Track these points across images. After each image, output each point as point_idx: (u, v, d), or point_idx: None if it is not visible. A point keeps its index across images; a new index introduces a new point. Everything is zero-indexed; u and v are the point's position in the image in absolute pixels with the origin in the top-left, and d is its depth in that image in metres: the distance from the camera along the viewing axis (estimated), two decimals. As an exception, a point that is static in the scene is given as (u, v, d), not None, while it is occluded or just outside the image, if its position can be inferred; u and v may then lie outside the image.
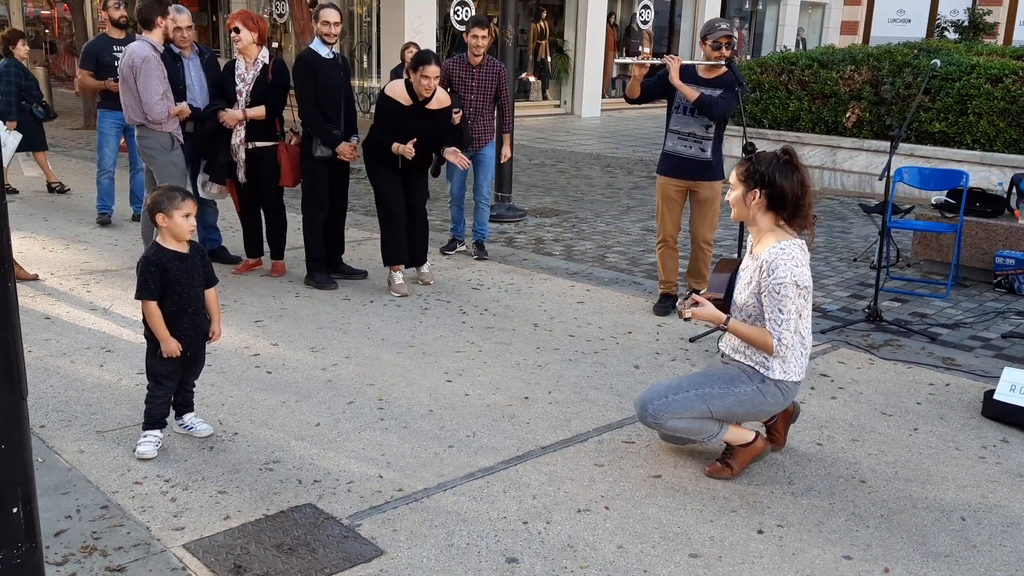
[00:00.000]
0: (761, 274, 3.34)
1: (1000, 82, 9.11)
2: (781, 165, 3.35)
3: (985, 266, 6.49)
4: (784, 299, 3.30)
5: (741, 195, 3.41)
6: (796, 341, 3.39)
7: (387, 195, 5.92)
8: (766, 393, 3.44)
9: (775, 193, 3.34)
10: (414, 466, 3.57)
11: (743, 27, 23.59)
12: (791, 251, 3.33)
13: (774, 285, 3.29)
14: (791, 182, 3.33)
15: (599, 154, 13.53)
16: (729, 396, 3.45)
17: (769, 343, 3.35)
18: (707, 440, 3.56)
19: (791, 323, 3.32)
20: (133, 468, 3.48)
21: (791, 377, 3.44)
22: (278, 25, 19.48)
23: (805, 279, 3.32)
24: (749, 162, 3.40)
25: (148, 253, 3.51)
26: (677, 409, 3.46)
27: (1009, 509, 3.37)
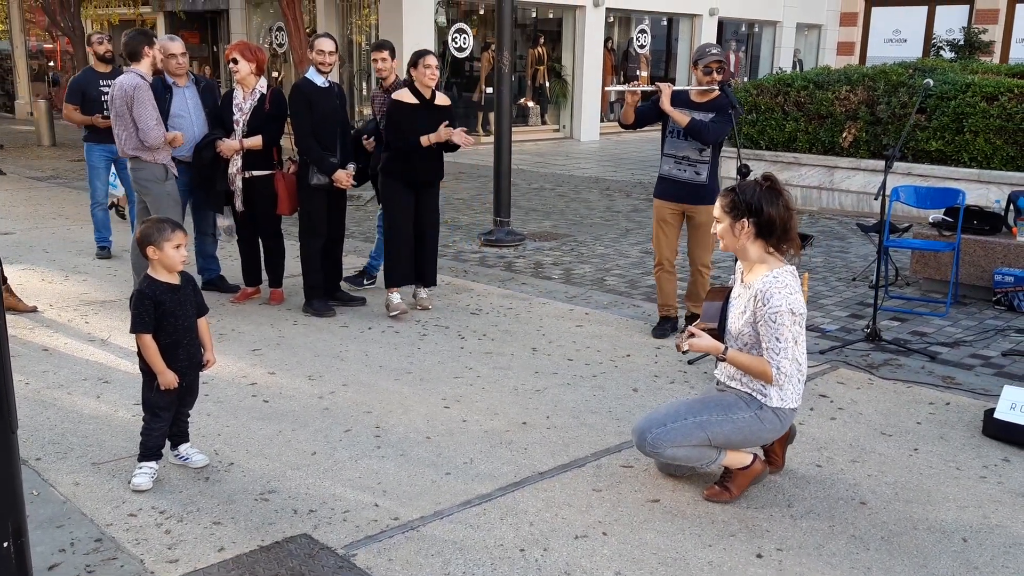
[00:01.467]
0: (756, 303, 3.35)
1: (996, 100, 9.14)
2: (766, 192, 3.36)
3: (984, 284, 6.48)
4: (781, 327, 3.30)
5: (729, 226, 3.42)
6: (794, 369, 3.38)
7: (396, 213, 5.95)
8: (764, 420, 3.43)
9: (763, 221, 3.36)
10: (410, 494, 3.54)
11: (740, 49, 23.73)
12: (784, 278, 3.34)
13: (770, 314, 3.30)
14: (777, 208, 3.35)
15: (598, 178, 13.57)
16: (727, 423, 3.44)
17: (768, 372, 3.35)
18: (706, 466, 3.54)
19: (789, 351, 3.33)
20: (128, 500, 3.46)
21: (788, 404, 3.44)
22: (278, 55, 19.64)
23: (799, 306, 3.33)
24: (733, 193, 3.40)
25: (141, 286, 3.51)
26: (675, 437, 3.44)
27: (1011, 530, 3.34)
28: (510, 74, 8.57)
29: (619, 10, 20.14)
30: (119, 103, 5.64)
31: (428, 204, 6.09)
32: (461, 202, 11.08)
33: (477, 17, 18.70)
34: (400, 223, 5.97)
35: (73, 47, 16.28)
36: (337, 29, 18.21)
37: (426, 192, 6.05)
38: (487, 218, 9.58)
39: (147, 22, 21.88)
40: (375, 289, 6.65)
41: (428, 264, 6.19)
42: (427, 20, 16.62)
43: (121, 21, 20.05)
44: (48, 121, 17.14)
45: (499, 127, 8.61)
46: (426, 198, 6.07)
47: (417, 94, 5.84)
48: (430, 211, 6.11)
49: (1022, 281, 6.22)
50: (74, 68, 16.56)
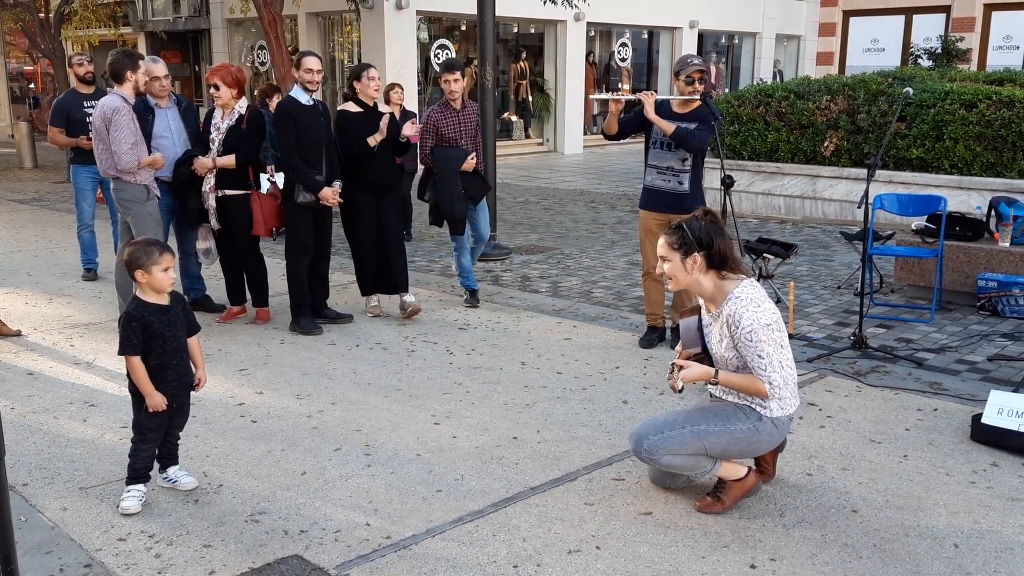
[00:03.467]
0: (729, 328, 3.39)
1: (975, 107, 9.23)
2: (712, 227, 3.45)
3: (968, 289, 6.53)
4: (759, 344, 3.33)
5: (680, 262, 3.45)
6: (785, 376, 3.40)
7: (356, 221, 6.19)
8: (762, 431, 3.45)
9: (713, 253, 3.42)
10: (402, 512, 3.53)
11: (720, 61, 23.91)
12: (747, 294, 3.38)
13: (744, 335, 3.33)
14: (723, 240, 3.45)
15: (582, 190, 13.62)
16: (725, 434, 3.45)
17: (762, 389, 3.37)
18: (700, 476, 3.54)
19: (775, 363, 3.35)
20: (117, 524, 3.43)
21: (787, 411, 3.46)
22: (260, 74, 19.63)
23: (770, 315, 3.35)
24: (680, 230, 3.46)
25: (129, 308, 3.48)
26: (672, 445, 3.45)
27: (1002, 535, 3.35)
28: (493, 89, 8.60)
29: (600, 24, 20.27)
30: (99, 123, 5.62)
31: (388, 211, 6.25)
32: (446, 217, 11.06)
33: (459, 33, 18.77)
34: (367, 232, 6.17)
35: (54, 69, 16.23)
36: (319, 47, 18.24)
37: (386, 199, 6.24)
38: (473, 233, 9.56)
39: (128, 42, 21.85)
40: (362, 306, 6.63)
41: (396, 269, 6.31)
42: (409, 37, 16.67)
43: (102, 42, 20.01)
44: (30, 143, 17.06)
45: (484, 142, 8.61)
46: (386, 205, 6.24)
47: (361, 104, 6.10)
48: (391, 217, 6.28)
49: (1005, 286, 6.27)
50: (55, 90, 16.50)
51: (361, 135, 5.98)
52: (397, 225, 6.34)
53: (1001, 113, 9.04)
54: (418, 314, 6.31)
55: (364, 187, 6.12)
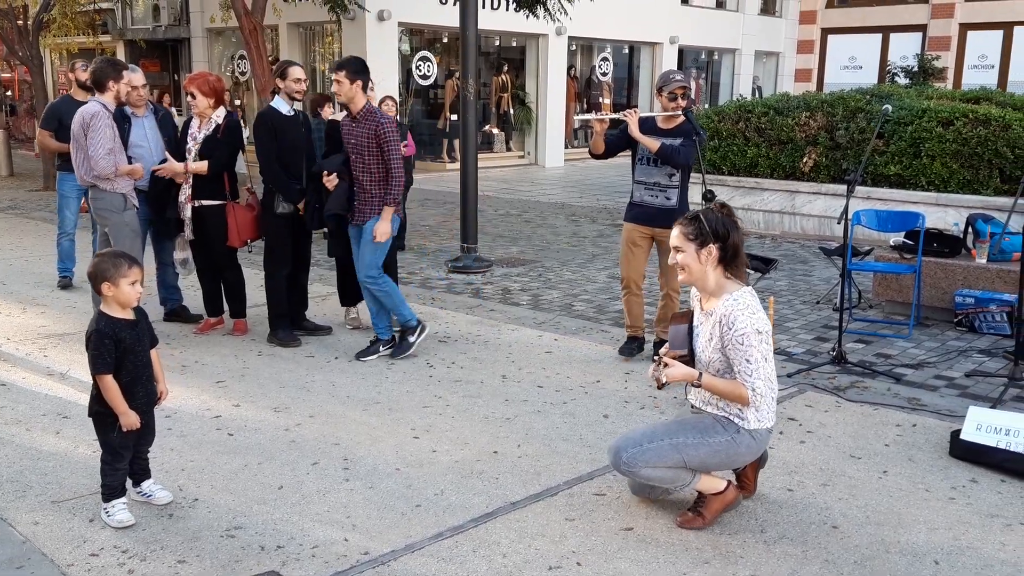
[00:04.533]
0: (721, 328, 3.37)
1: (951, 124, 9.34)
2: (728, 220, 3.44)
3: (946, 305, 6.58)
4: (750, 348, 3.31)
5: (695, 253, 3.42)
6: (767, 388, 3.40)
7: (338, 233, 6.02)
8: (740, 443, 3.43)
9: (728, 246, 3.41)
10: (380, 527, 3.48)
11: (700, 77, 24.08)
12: (744, 299, 3.37)
13: (736, 337, 3.31)
14: (738, 233, 3.44)
15: (563, 203, 13.63)
16: (704, 446, 3.44)
17: (744, 395, 3.36)
18: (679, 488, 3.53)
19: (761, 371, 3.35)
20: (89, 539, 3.36)
21: (765, 424, 3.45)
22: (240, 83, 19.54)
23: (764, 324, 3.35)
24: (697, 221, 3.43)
25: (100, 325, 3.39)
26: (651, 458, 3.43)
27: (982, 551, 3.36)
28: (475, 101, 8.59)
29: (581, 38, 20.36)
30: (77, 129, 5.57)
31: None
32: (428, 229, 11.05)
33: (441, 45, 18.79)
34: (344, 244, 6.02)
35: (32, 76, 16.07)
36: (300, 57, 18.18)
37: None
38: (454, 245, 9.56)
39: (107, 51, 21.69)
40: (341, 318, 6.58)
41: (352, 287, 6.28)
42: (391, 48, 16.66)
43: (81, 50, 19.85)
44: (6, 151, 16.87)
45: (465, 154, 8.62)
46: None
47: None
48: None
49: (982, 302, 6.33)
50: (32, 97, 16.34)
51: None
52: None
53: (977, 131, 9.14)
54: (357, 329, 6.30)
55: None
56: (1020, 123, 8.99)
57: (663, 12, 21.48)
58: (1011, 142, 8.95)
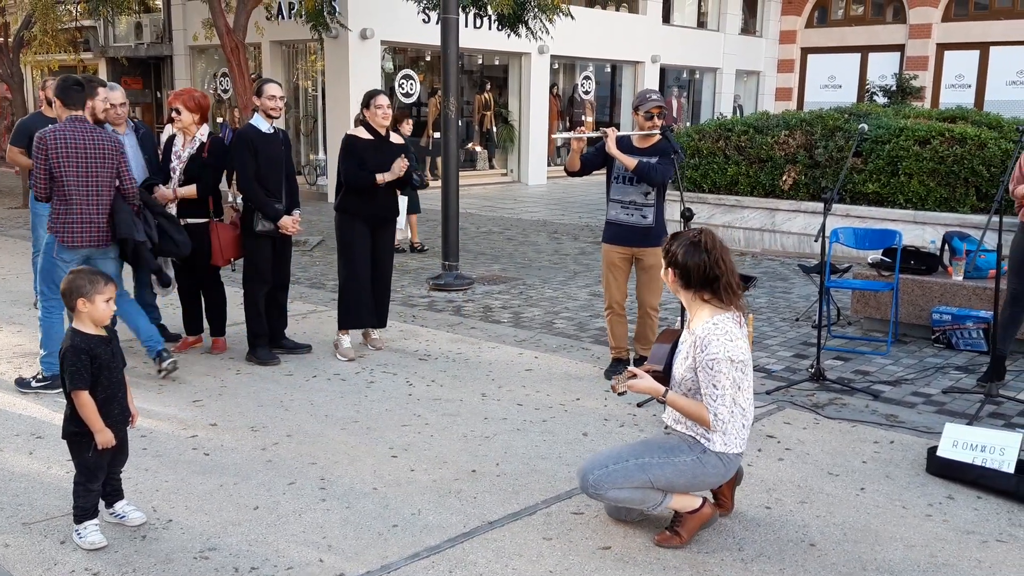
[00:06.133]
0: (695, 349, 3.38)
1: (928, 143, 9.43)
2: (689, 245, 3.44)
3: (923, 322, 6.62)
4: (718, 375, 3.32)
5: (664, 271, 3.52)
6: (736, 414, 3.40)
7: (352, 249, 5.97)
8: (706, 464, 3.43)
9: (681, 272, 3.43)
10: (356, 548, 3.45)
11: (681, 95, 24.26)
12: (724, 326, 3.37)
13: (707, 361, 3.32)
14: (696, 261, 3.41)
15: (546, 221, 13.66)
16: (669, 466, 3.43)
17: (705, 417, 3.37)
18: (651, 509, 3.52)
19: (727, 398, 3.34)
20: (60, 561, 3.32)
21: (732, 449, 3.45)
22: (223, 101, 19.52)
23: (739, 353, 3.35)
24: (668, 241, 3.50)
25: (75, 341, 3.37)
26: (617, 479, 3.43)
27: (958, 567, 3.36)
28: (457, 119, 8.61)
29: (564, 57, 20.48)
30: None
31: (384, 243, 6.13)
32: (409, 247, 11.04)
33: (424, 63, 18.84)
34: (359, 264, 5.99)
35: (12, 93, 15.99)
36: (283, 75, 18.19)
37: (382, 231, 6.10)
38: (435, 262, 9.55)
39: (89, 68, 21.63)
40: (320, 338, 6.55)
41: (382, 306, 6.22)
42: (374, 66, 16.69)
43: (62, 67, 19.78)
44: (-16, 168, 16.74)
45: (447, 172, 8.63)
46: (382, 237, 6.11)
47: (372, 132, 5.96)
48: (386, 251, 6.16)
49: (959, 319, 6.37)
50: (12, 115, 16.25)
51: (368, 163, 5.85)
52: (391, 257, 6.23)
53: (954, 150, 9.24)
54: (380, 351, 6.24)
55: (362, 217, 5.96)
56: (995, 142, 9.10)
57: (645, 31, 21.65)
58: (987, 161, 9.05)
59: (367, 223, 5.99)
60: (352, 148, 5.92)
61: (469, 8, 13.44)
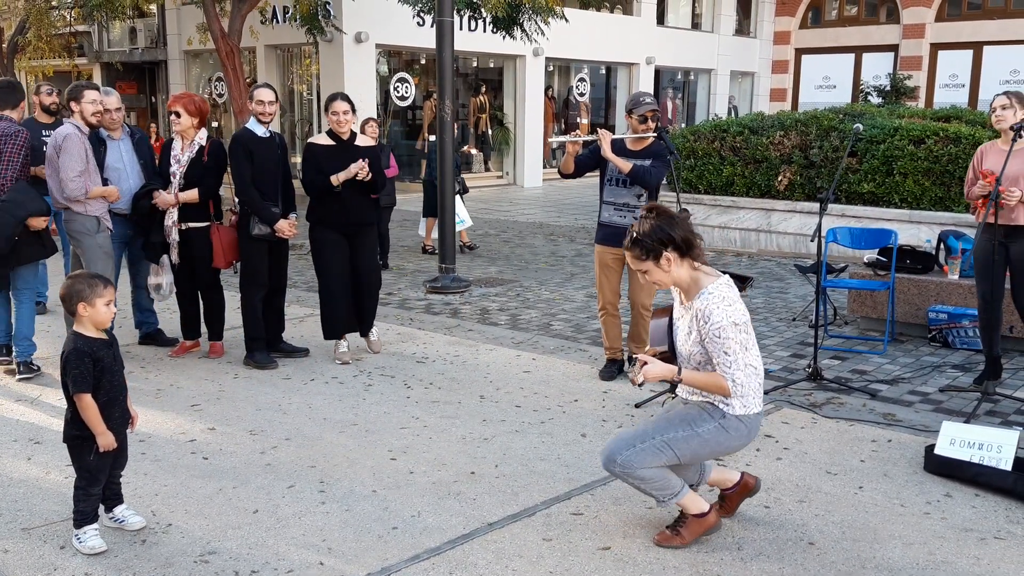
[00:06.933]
0: (698, 323, 3.37)
1: (923, 143, 9.46)
2: (662, 221, 3.41)
3: (919, 321, 6.64)
4: (727, 341, 3.31)
5: (655, 267, 3.43)
6: (750, 374, 3.38)
7: (323, 259, 5.93)
8: (729, 428, 3.42)
9: (679, 244, 3.40)
10: (356, 551, 3.46)
11: (676, 96, 24.30)
12: (720, 292, 3.37)
13: (713, 331, 3.32)
14: (684, 229, 3.41)
15: (542, 223, 13.67)
16: (694, 438, 3.41)
17: (724, 386, 3.36)
18: (666, 500, 3.48)
19: (739, 361, 3.34)
20: (60, 567, 3.32)
21: (751, 410, 3.43)
22: (218, 105, 19.52)
23: (740, 315, 3.35)
24: (638, 243, 3.42)
25: (78, 344, 3.37)
26: (644, 459, 3.40)
27: (956, 566, 3.37)
28: (452, 122, 8.62)
29: (558, 59, 20.51)
30: (51, 152, 5.55)
31: (363, 250, 6.02)
32: (406, 249, 11.05)
33: (418, 66, 18.86)
34: (331, 274, 5.93)
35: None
36: (277, 79, 18.20)
37: (360, 236, 6.00)
38: (432, 265, 9.56)
39: (84, 73, 21.60)
40: (317, 342, 6.55)
41: (368, 313, 6.15)
42: (368, 69, 16.71)
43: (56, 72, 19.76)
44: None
45: (443, 175, 8.63)
46: (360, 244, 6.01)
47: (334, 137, 5.87)
48: (365, 257, 6.05)
49: (955, 318, 6.39)
50: (7, 120, 16.21)
51: (326, 169, 5.75)
52: (373, 264, 6.13)
53: (948, 149, 9.27)
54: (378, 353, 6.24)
55: (334, 225, 5.87)
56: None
57: (639, 33, 21.69)
58: (981, 160, 9.08)
59: (340, 231, 5.90)
60: (310, 155, 5.84)
61: (464, 11, 13.45)
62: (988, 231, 5.26)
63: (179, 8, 19.20)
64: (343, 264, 5.95)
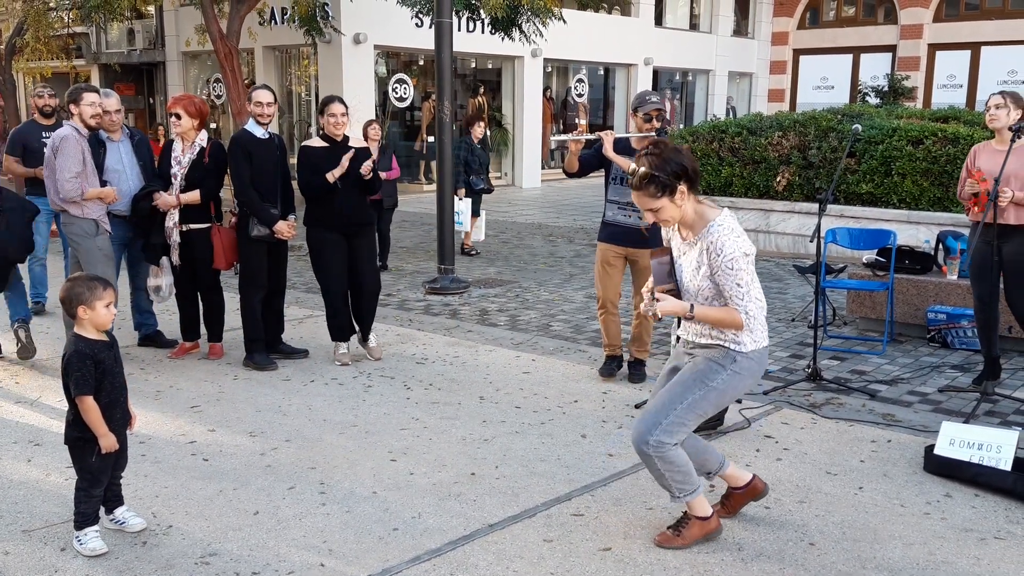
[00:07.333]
0: (709, 256, 3.32)
1: (921, 143, 9.48)
2: (670, 153, 3.34)
3: (918, 322, 6.65)
4: (739, 272, 3.29)
5: (670, 203, 3.33)
6: (759, 307, 3.37)
7: (322, 261, 5.94)
8: (741, 371, 3.40)
9: (691, 175, 3.36)
10: (357, 552, 3.46)
11: (675, 97, 24.32)
12: (728, 224, 3.35)
13: (726, 263, 3.28)
14: (688, 158, 3.37)
15: (541, 224, 13.68)
16: (711, 392, 3.40)
17: (738, 319, 3.32)
18: (680, 496, 3.45)
19: (751, 293, 3.33)
20: (61, 568, 3.32)
21: (760, 343, 3.42)
22: (216, 106, 19.51)
23: (748, 246, 3.34)
24: (654, 177, 3.30)
25: (79, 347, 3.37)
26: (675, 431, 3.39)
27: (956, 566, 3.38)
28: (451, 123, 8.62)
29: (557, 60, 20.52)
30: (49, 154, 5.56)
31: (362, 251, 6.02)
32: (405, 250, 11.05)
33: (417, 67, 18.86)
34: (331, 276, 5.93)
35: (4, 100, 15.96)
36: (276, 80, 18.19)
37: (358, 237, 6.00)
38: (431, 266, 9.56)
39: (82, 75, 21.60)
40: (317, 343, 6.55)
41: (366, 316, 6.13)
42: (367, 71, 16.71)
43: (55, 74, 19.76)
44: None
45: (441, 175, 8.64)
46: (359, 245, 6.00)
47: (328, 140, 5.88)
48: (365, 258, 6.05)
49: (954, 318, 6.40)
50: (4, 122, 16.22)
51: (321, 170, 5.75)
52: (372, 267, 6.12)
53: (947, 149, 9.29)
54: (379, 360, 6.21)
55: (332, 226, 5.87)
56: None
57: (637, 34, 21.71)
58: (979, 160, 9.09)
59: (339, 232, 5.91)
60: (304, 158, 5.85)
61: (462, 12, 13.45)
62: (984, 232, 5.27)
63: (177, 9, 19.20)
64: (343, 264, 5.96)
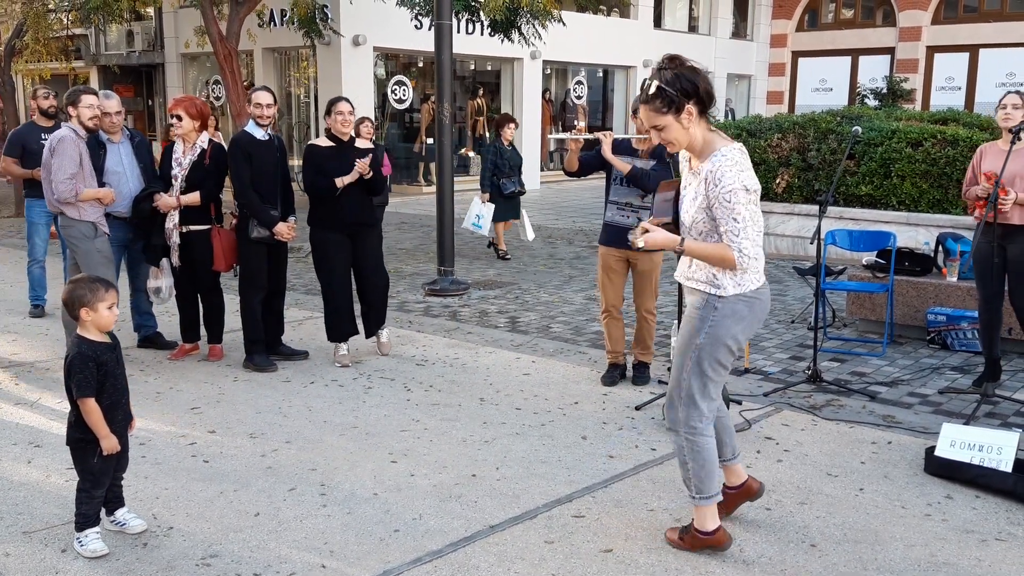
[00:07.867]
0: (707, 186, 3.16)
1: (920, 145, 9.49)
2: (685, 71, 3.18)
3: (918, 323, 6.65)
4: (736, 206, 3.11)
5: (675, 122, 3.16)
6: (757, 246, 3.18)
7: (326, 262, 5.93)
8: (726, 315, 3.24)
9: (702, 96, 3.19)
10: (358, 553, 3.45)
11: (674, 99, 24.30)
12: (733, 156, 3.16)
13: (723, 194, 3.11)
14: (703, 79, 3.20)
15: (540, 225, 13.67)
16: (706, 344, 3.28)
17: (729, 256, 3.14)
18: (698, 498, 3.41)
19: (749, 231, 3.13)
20: (62, 570, 3.31)
21: (747, 287, 3.23)
22: (216, 108, 19.51)
23: (752, 182, 3.16)
24: (660, 94, 3.13)
25: (82, 348, 3.37)
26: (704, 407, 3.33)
27: (958, 567, 3.38)
28: (450, 125, 8.63)
29: (556, 62, 20.52)
30: (46, 156, 5.56)
31: (367, 250, 6.03)
32: (404, 252, 11.05)
33: (416, 69, 18.87)
34: (335, 276, 5.93)
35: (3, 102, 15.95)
36: (275, 82, 18.19)
37: (362, 237, 6.01)
38: (431, 268, 9.56)
39: (80, 76, 21.59)
40: (317, 344, 6.54)
41: (377, 312, 6.15)
42: (366, 72, 16.71)
43: (54, 75, 19.75)
44: (-25, 177, 16.66)
45: (441, 177, 8.64)
46: (363, 244, 6.01)
47: (334, 139, 5.90)
48: (370, 257, 6.05)
49: (954, 320, 6.40)
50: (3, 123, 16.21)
51: (328, 170, 5.77)
52: (379, 263, 6.13)
53: (946, 151, 9.29)
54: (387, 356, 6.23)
55: (335, 227, 5.89)
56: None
57: (636, 36, 21.72)
58: (979, 162, 9.10)
59: (343, 232, 5.92)
60: (310, 157, 5.87)
61: (462, 14, 13.46)
62: (987, 232, 5.27)
63: (176, 11, 19.19)
64: (346, 265, 5.97)
